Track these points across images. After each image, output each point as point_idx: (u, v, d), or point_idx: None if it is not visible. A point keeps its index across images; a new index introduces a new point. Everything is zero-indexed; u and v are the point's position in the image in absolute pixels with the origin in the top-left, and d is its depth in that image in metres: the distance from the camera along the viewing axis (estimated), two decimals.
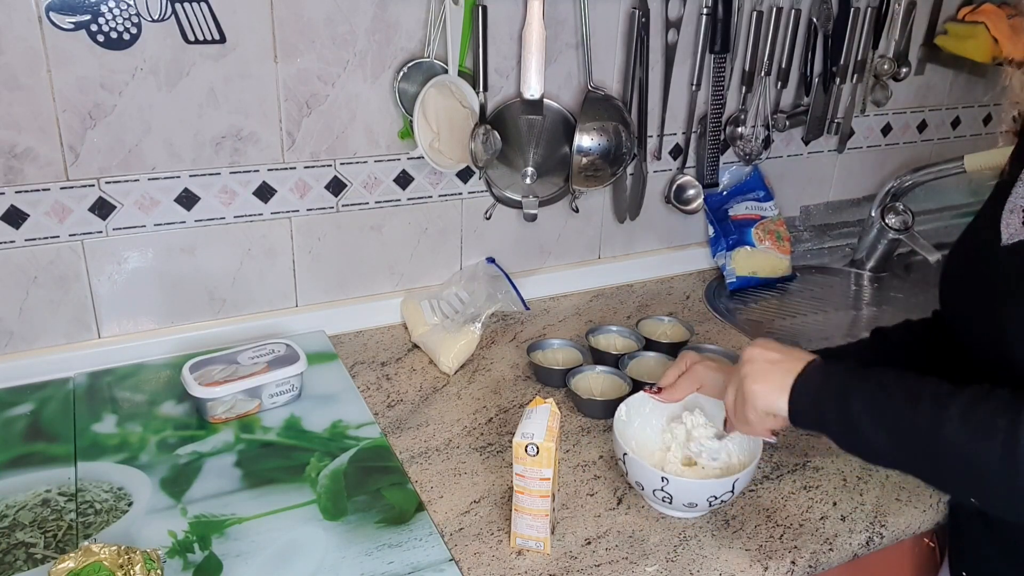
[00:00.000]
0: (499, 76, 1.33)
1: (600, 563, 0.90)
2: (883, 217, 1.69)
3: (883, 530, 0.97)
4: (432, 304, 1.35)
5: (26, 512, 0.93)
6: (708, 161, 1.57)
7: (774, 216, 1.64)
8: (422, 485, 1.01)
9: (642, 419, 1.04)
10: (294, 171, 1.25)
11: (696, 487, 0.91)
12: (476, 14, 1.21)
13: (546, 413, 0.90)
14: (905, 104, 1.80)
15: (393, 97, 1.27)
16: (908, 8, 1.63)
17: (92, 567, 0.78)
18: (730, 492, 0.92)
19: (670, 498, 0.92)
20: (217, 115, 1.16)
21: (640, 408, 1.04)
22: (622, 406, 1.02)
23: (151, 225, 1.19)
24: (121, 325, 1.22)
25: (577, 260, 1.56)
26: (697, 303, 1.54)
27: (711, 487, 0.91)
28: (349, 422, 1.12)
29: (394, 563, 0.88)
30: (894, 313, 1.59)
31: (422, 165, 1.32)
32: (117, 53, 1.08)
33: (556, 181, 1.42)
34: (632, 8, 1.38)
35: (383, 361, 1.29)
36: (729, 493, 0.92)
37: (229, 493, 0.97)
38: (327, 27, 1.18)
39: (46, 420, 1.09)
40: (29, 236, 1.12)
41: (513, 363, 1.30)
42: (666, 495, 0.92)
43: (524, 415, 0.91)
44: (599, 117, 1.38)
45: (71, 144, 1.10)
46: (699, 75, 1.48)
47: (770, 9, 1.50)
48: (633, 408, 1.04)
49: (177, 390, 1.14)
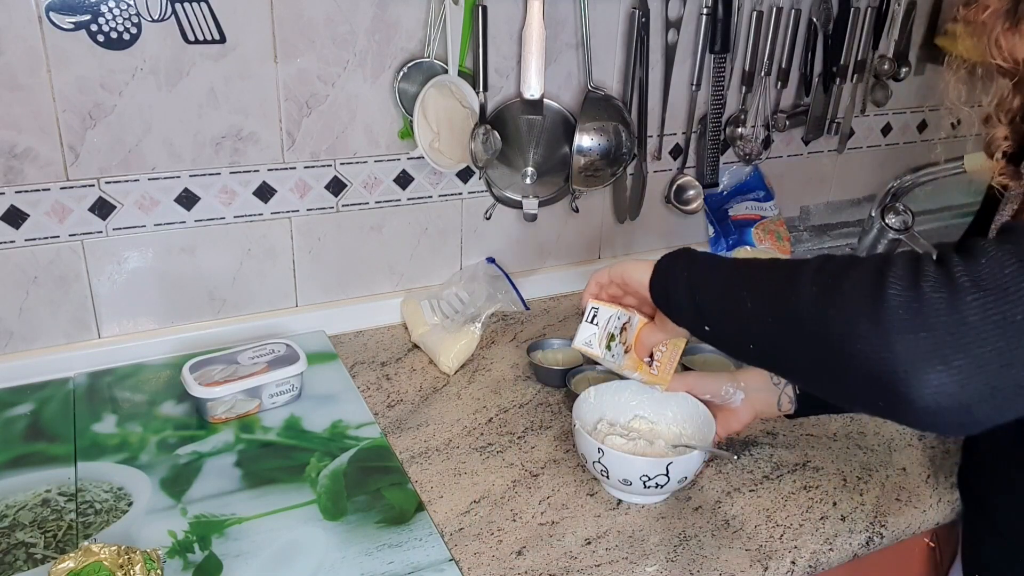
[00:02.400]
0: (499, 76, 1.33)
1: (600, 563, 0.90)
2: (883, 217, 1.69)
3: (883, 530, 0.97)
4: (432, 304, 1.35)
5: (26, 512, 0.93)
6: (708, 161, 1.57)
7: (774, 216, 1.64)
8: (422, 485, 1.01)
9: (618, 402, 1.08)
10: (294, 171, 1.25)
11: (628, 463, 0.93)
12: (476, 14, 1.21)
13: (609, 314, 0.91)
14: (905, 104, 1.80)
15: (393, 97, 1.27)
16: (908, 8, 1.63)
17: (92, 567, 0.78)
18: (664, 475, 0.92)
19: (607, 471, 0.94)
20: (217, 115, 1.17)
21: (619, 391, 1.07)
22: (591, 389, 1.05)
23: (151, 225, 1.19)
24: (121, 325, 1.22)
25: (577, 260, 1.56)
26: None
27: (644, 466, 0.93)
28: (349, 422, 1.12)
29: (394, 563, 0.88)
30: None
31: (422, 165, 1.32)
32: (117, 53, 1.08)
33: (556, 181, 1.42)
34: (632, 8, 1.38)
35: (383, 361, 1.29)
36: (663, 476, 0.92)
37: (229, 493, 0.97)
38: (327, 27, 1.18)
39: (46, 420, 1.09)
40: (29, 236, 1.12)
41: (513, 363, 1.30)
42: (603, 468, 0.94)
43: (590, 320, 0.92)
44: (599, 117, 1.38)
45: (71, 144, 1.10)
46: (699, 75, 1.48)
47: (770, 9, 1.50)
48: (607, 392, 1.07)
49: (177, 390, 1.14)
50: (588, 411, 1.04)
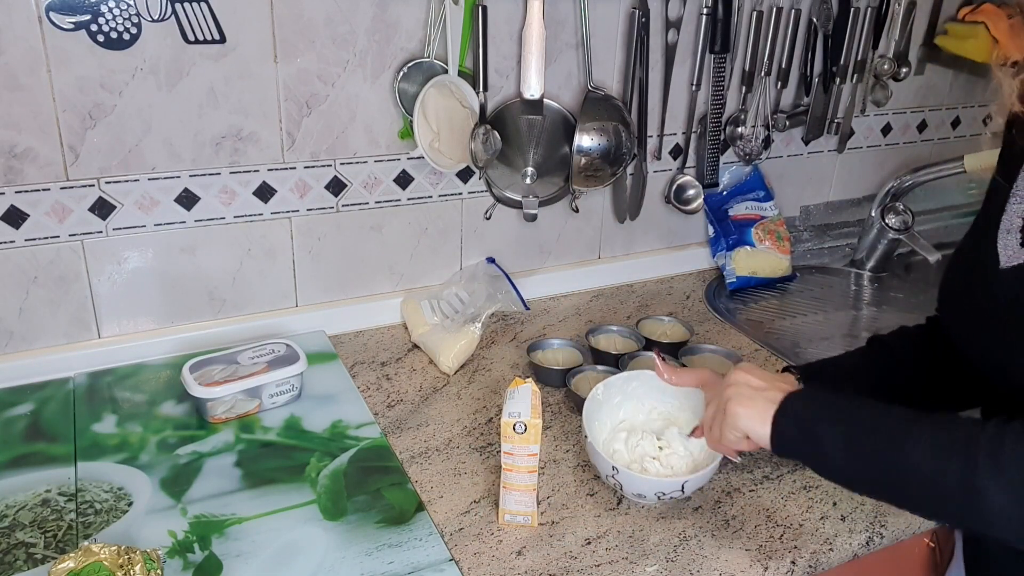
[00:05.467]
0: (499, 76, 1.33)
1: (600, 563, 0.90)
2: (883, 217, 1.69)
3: (883, 530, 0.97)
4: (432, 304, 1.35)
5: (26, 512, 0.93)
6: (708, 161, 1.57)
7: (774, 216, 1.64)
8: (422, 485, 1.01)
9: (623, 396, 1.07)
10: (294, 171, 1.25)
11: (643, 483, 0.94)
12: (476, 14, 1.21)
13: (528, 392, 0.93)
14: (905, 104, 1.80)
15: (393, 97, 1.27)
16: (908, 8, 1.63)
17: (92, 567, 0.78)
18: (679, 491, 0.93)
19: (620, 486, 0.95)
20: (217, 115, 1.17)
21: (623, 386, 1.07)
22: (599, 386, 1.05)
23: (151, 225, 1.19)
24: (121, 325, 1.22)
25: (577, 260, 1.56)
26: (697, 303, 1.54)
27: (659, 485, 0.93)
28: (349, 422, 1.12)
29: (394, 563, 0.88)
30: (894, 313, 1.59)
31: (422, 165, 1.32)
32: (117, 53, 1.08)
33: (556, 181, 1.42)
34: (632, 8, 1.38)
35: (383, 361, 1.29)
36: (679, 492, 0.93)
37: (229, 493, 0.97)
38: (327, 27, 1.18)
39: (46, 420, 1.09)
40: (29, 236, 1.12)
41: (513, 363, 1.30)
42: (616, 483, 0.95)
43: (507, 396, 0.93)
44: (599, 117, 1.38)
45: (71, 144, 1.10)
46: (699, 75, 1.48)
47: (770, 9, 1.50)
48: (614, 386, 1.06)
49: (177, 390, 1.14)
50: (597, 413, 1.04)
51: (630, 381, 1.07)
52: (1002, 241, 0.81)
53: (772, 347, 1.38)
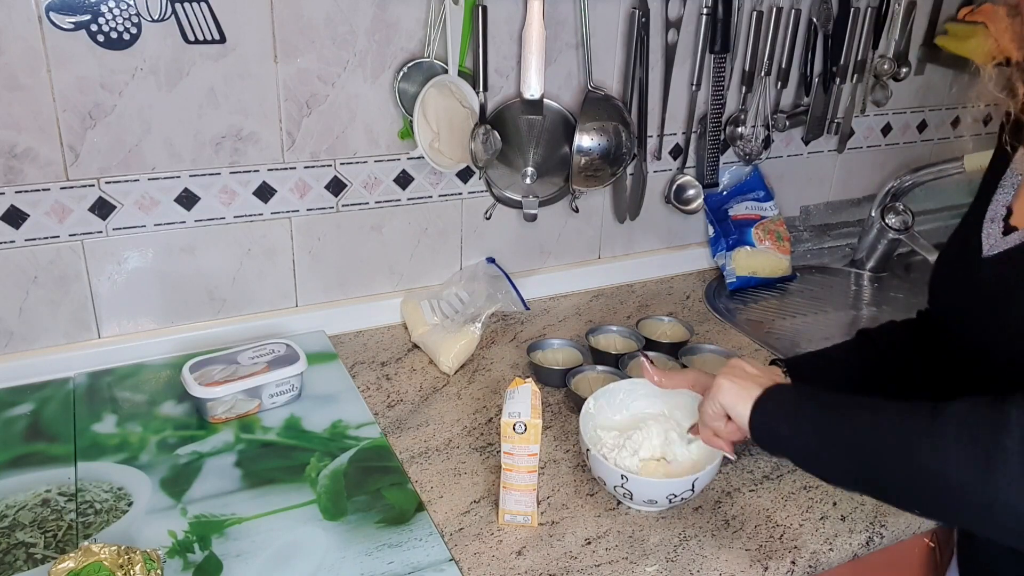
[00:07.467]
0: (499, 76, 1.33)
1: (600, 563, 0.90)
2: (883, 217, 1.69)
3: (883, 530, 0.97)
4: (432, 304, 1.35)
5: (26, 512, 0.93)
6: (708, 161, 1.57)
7: (774, 216, 1.64)
8: (422, 485, 1.01)
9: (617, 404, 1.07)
10: (294, 171, 1.25)
11: (654, 486, 0.94)
12: (476, 14, 1.21)
13: (528, 392, 0.93)
14: (905, 104, 1.80)
15: (393, 97, 1.27)
16: (908, 8, 1.63)
17: (92, 567, 0.78)
18: (690, 491, 0.93)
19: (630, 495, 0.94)
20: (217, 115, 1.17)
21: (615, 395, 1.07)
22: (590, 400, 1.04)
23: (151, 225, 1.19)
24: (121, 325, 1.22)
25: (577, 260, 1.56)
26: (697, 303, 1.54)
27: (670, 486, 0.93)
28: (349, 422, 1.12)
29: (394, 563, 0.88)
30: (894, 313, 1.59)
31: (422, 165, 1.32)
32: (117, 53, 1.08)
33: (556, 181, 1.42)
34: (632, 8, 1.38)
35: (383, 361, 1.29)
36: (689, 491, 0.93)
37: (229, 493, 0.97)
38: (327, 27, 1.18)
39: (46, 420, 1.09)
40: (29, 236, 1.12)
41: (513, 363, 1.30)
42: (626, 491, 0.94)
43: (507, 396, 0.93)
44: (599, 117, 1.38)
45: (71, 144, 1.10)
46: (699, 75, 1.48)
47: (770, 9, 1.50)
48: (603, 397, 1.06)
49: (177, 390, 1.14)
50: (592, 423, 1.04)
51: (618, 391, 1.07)
52: (986, 230, 0.84)
53: (772, 347, 1.38)
